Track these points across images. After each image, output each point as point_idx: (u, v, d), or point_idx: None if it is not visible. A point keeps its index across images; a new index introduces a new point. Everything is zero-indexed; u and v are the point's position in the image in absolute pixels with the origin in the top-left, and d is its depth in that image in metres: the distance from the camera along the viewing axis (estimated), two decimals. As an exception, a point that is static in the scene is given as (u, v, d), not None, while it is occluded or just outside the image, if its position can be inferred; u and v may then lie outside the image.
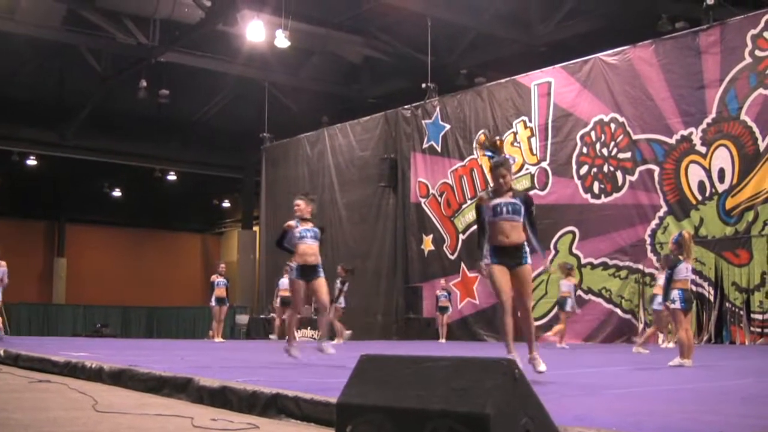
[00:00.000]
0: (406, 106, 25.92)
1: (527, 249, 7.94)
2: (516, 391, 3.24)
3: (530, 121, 22.41)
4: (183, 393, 6.81)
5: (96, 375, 8.47)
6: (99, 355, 10.44)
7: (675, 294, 10.07)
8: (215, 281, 21.40)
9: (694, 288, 18.16)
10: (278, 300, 22.45)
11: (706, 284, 18.31)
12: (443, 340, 22.05)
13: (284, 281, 21.88)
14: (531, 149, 22.35)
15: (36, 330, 33.78)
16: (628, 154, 20.11)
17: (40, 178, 35.61)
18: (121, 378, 7.97)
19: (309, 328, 23.14)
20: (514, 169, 22.38)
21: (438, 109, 24.88)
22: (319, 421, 5.29)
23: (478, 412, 3.10)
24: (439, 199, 24.63)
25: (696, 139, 18.82)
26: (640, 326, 19.17)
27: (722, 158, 18.38)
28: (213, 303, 21.48)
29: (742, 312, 17.71)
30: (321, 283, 10.47)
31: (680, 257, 10.25)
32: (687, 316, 10.36)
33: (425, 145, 25.22)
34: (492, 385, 3.20)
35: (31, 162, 34.05)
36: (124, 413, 5.75)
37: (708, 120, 18.63)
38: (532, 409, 3.30)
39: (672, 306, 10.21)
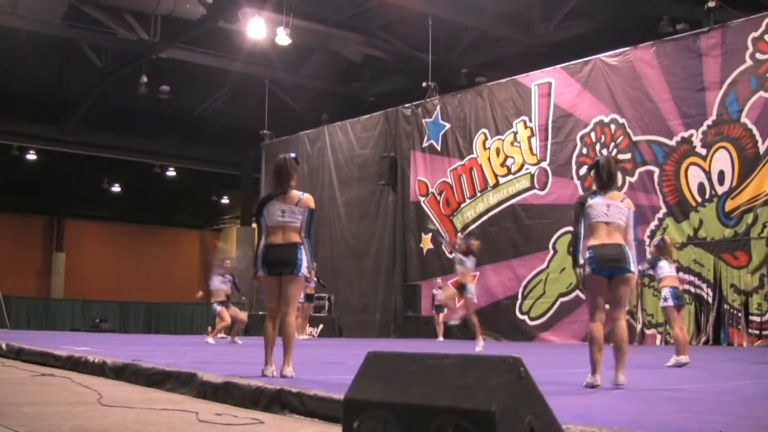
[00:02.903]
0: (406, 105, 25.96)
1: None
2: (521, 388, 3.29)
3: (530, 121, 22.46)
4: (187, 388, 6.85)
5: (99, 369, 8.51)
6: (101, 350, 10.48)
7: (666, 292, 10.16)
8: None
9: (692, 290, 18.33)
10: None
11: (704, 286, 18.37)
12: (441, 339, 22.08)
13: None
14: (531, 149, 22.39)
15: (35, 324, 33.80)
16: (628, 155, 20.15)
17: (39, 172, 35.56)
18: (125, 372, 8.02)
19: (309, 325, 23.17)
20: (514, 168, 22.46)
21: (438, 108, 24.92)
22: (323, 416, 5.35)
23: (483, 409, 3.14)
24: (439, 197, 24.68)
25: (696, 141, 18.86)
26: (638, 326, 19.23)
27: (722, 160, 18.42)
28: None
29: (740, 314, 17.75)
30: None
31: (660, 257, 10.51)
32: (680, 312, 10.43)
33: (425, 144, 25.27)
34: (497, 382, 3.24)
35: (31, 156, 34.01)
36: (129, 407, 5.80)
37: (708, 122, 18.68)
38: (537, 406, 3.35)
39: (664, 304, 10.30)
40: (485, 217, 23.35)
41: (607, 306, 7.15)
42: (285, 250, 7.48)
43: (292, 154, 7.85)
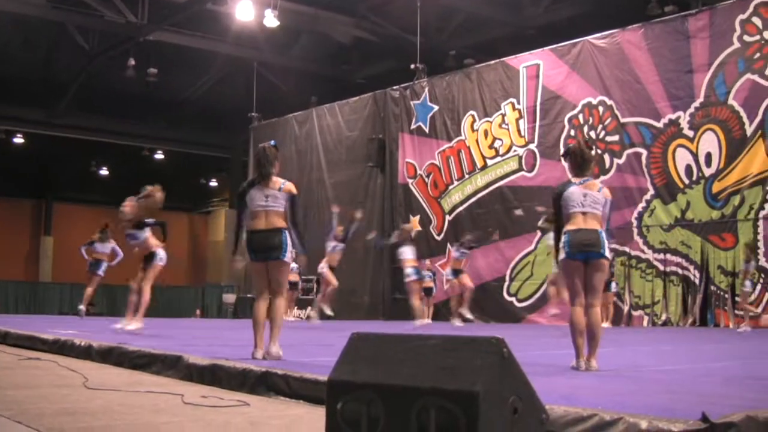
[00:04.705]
0: (394, 87, 25.90)
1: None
2: (504, 369, 3.29)
3: (518, 103, 22.44)
4: (173, 370, 6.85)
5: (85, 353, 8.50)
6: (87, 333, 10.47)
7: (409, 270, 14.16)
8: None
9: (680, 271, 18.40)
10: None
11: (691, 267, 18.43)
12: (429, 321, 22.07)
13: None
14: (519, 131, 22.39)
15: (22, 308, 33.76)
16: (616, 137, 20.17)
17: (26, 156, 35.44)
18: (111, 356, 8.01)
19: (297, 307, 23.20)
20: (502, 150, 22.46)
21: (426, 90, 24.88)
22: (308, 398, 5.36)
23: (467, 389, 3.14)
24: (427, 180, 24.67)
25: (684, 123, 18.89)
26: (626, 308, 19.29)
27: (709, 142, 18.46)
28: None
29: (727, 295, 17.83)
30: None
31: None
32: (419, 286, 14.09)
33: (413, 126, 25.23)
34: (481, 363, 3.24)
35: (18, 140, 33.91)
36: (115, 390, 5.80)
37: (696, 104, 18.70)
38: (520, 387, 3.35)
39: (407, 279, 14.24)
40: (473, 199, 23.36)
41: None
42: (270, 236, 7.48)
43: (272, 143, 7.87)
